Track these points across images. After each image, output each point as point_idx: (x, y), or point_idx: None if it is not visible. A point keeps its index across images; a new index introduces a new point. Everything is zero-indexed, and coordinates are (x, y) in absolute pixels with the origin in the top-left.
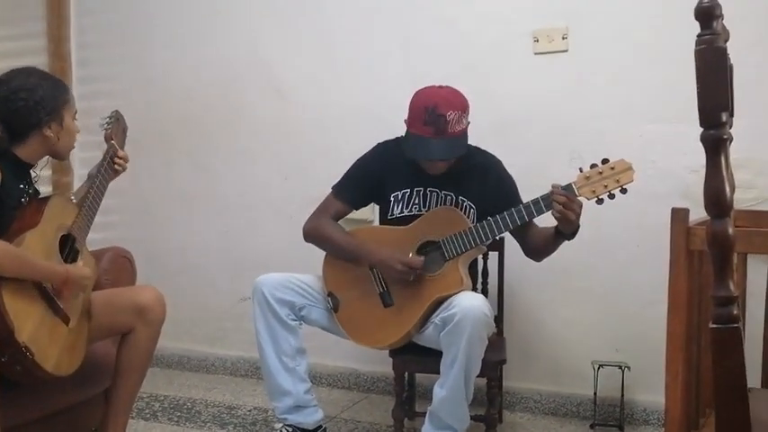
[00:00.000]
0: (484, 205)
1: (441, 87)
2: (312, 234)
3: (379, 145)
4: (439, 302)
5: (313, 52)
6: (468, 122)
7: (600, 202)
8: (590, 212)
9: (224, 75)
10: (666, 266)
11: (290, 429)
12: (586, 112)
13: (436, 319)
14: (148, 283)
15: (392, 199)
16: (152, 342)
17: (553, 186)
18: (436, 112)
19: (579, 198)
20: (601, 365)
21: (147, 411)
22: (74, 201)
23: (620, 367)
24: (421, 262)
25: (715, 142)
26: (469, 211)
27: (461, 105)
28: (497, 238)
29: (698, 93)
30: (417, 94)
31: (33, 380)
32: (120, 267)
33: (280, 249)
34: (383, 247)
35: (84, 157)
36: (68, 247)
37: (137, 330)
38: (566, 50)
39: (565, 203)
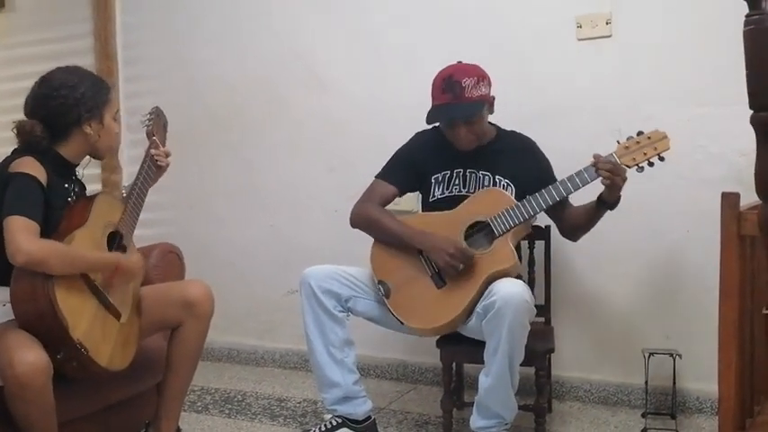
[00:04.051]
0: (521, 184)
1: (460, 62)
2: (359, 218)
3: (417, 134)
4: (491, 280)
5: (355, 43)
6: (493, 96)
7: (640, 169)
8: (639, 198)
9: (267, 69)
10: (717, 252)
11: (340, 420)
12: (632, 97)
13: (478, 307)
14: (197, 277)
15: (433, 181)
16: (201, 336)
17: (595, 156)
18: (452, 80)
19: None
20: (652, 353)
21: (198, 404)
22: (123, 195)
23: (672, 355)
24: (472, 255)
25: (764, 125)
26: (508, 189)
27: (478, 73)
28: (545, 208)
29: (747, 74)
30: (437, 72)
31: (88, 375)
32: (168, 263)
33: (326, 242)
34: (433, 232)
35: (133, 154)
36: (116, 244)
37: (186, 325)
38: (609, 36)
39: (612, 170)
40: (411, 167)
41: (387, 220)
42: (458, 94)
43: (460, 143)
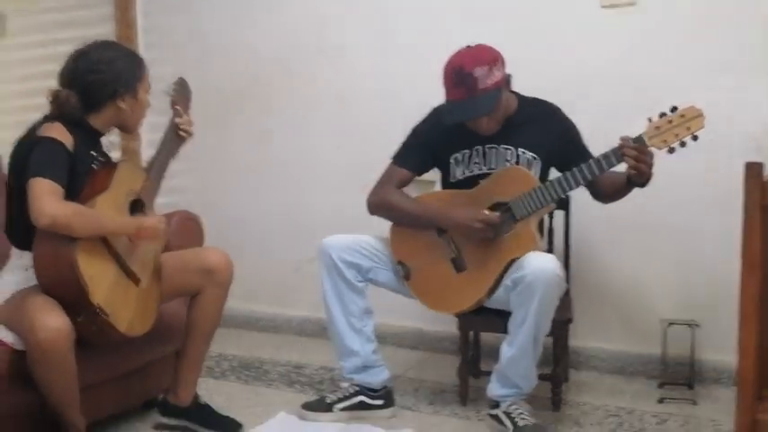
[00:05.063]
0: (547, 153)
1: (469, 47)
2: (378, 205)
3: (434, 110)
4: (511, 265)
5: (370, 18)
6: (509, 75)
7: (671, 151)
8: (661, 168)
9: (282, 42)
10: (739, 223)
11: (357, 388)
12: (656, 66)
13: (507, 280)
14: (216, 245)
15: (452, 161)
16: (220, 303)
17: (622, 139)
18: (464, 72)
19: (650, 149)
20: (670, 323)
21: (216, 370)
22: (144, 166)
23: (690, 325)
24: (497, 217)
25: None
26: (533, 162)
27: (488, 59)
28: (567, 195)
29: None
30: (446, 61)
31: (108, 340)
32: (187, 230)
33: (342, 211)
34: (455, 208)
35: (151, 122)
36: (138, 212)
37: (205, 291)
38: (634, 3)
39: (637, 157)
40: (428, 149)
41: (406, 203)
42: (472, 87)
43: (482, 131)
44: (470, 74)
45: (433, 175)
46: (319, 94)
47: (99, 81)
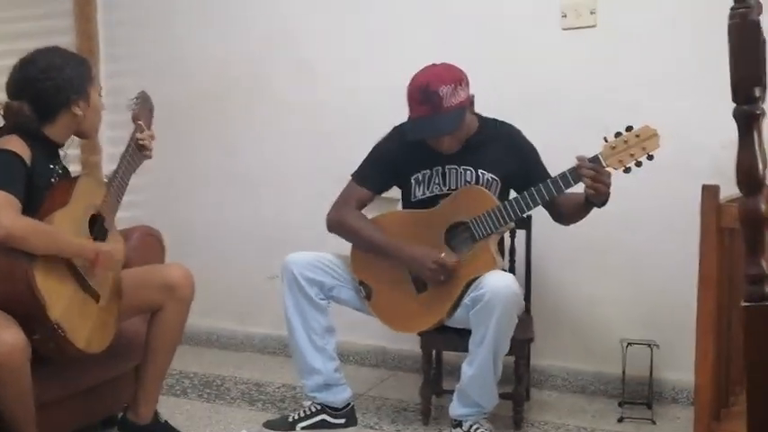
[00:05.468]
0: (507, 175)
1: (434, 65)
2: (337, 226)
3: (394, 128)
4: (471, 285)
5: (341, 28)
6: (472, 95)
7: (627, 170)
8: (620, 188)
9: (251, 52)
10: (697, 244)
11: (319, 407)
12: (616, 87)
13: (466, 299)
14: (178, 260)
15: (413, 181)
16: (181, 319)
17: (579, 159)
18: (429, 90)
19: (607, 169)
20: (629, 343)
21: (177, 388)
22: (105, 180)
23: (649, 345)
24: (455, 260)
25: (747, 117)
26: (492, 184)
27: (453, 78)
28: (525, 215)
29: (730, 67)
30: (411, 78)
31: (66, 357)
32: (148, 246)
33: (308, 227)
34: (413, 242)
35: (113, 135)
36: (97, 227)
37: (166, 308)
38: (594, 26)
39: (594, 177)
40: (389, 170)
41: (365, 230)
42: (436, 105)
43: (444, 149)
44: (436, 92)
45: (396, 192)
46: (286, 108)
47: (51, 88)
